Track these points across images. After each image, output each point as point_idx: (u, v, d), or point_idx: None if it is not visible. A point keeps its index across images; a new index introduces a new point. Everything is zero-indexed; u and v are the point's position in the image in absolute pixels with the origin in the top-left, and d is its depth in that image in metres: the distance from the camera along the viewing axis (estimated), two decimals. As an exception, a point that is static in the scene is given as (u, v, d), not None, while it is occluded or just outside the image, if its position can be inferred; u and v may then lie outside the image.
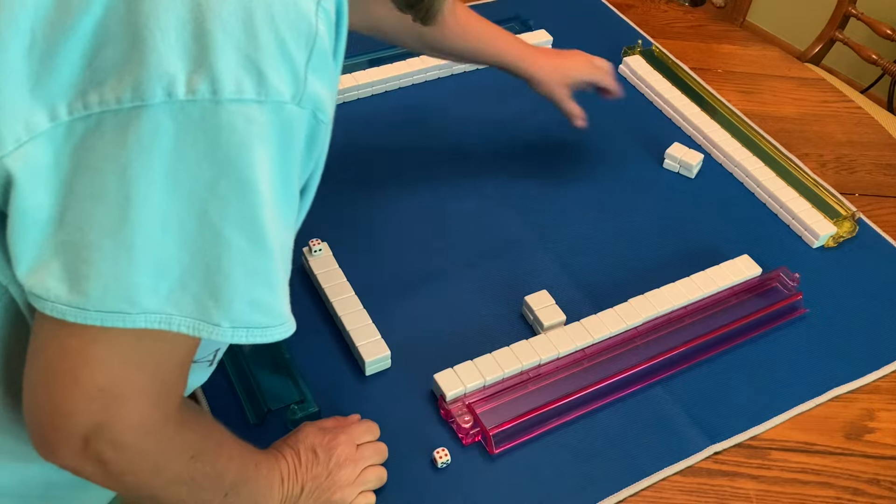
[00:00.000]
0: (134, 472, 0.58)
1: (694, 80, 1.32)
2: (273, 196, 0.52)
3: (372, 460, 0.78)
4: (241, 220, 0.51)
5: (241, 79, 0.49)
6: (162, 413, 0.57)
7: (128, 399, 0.54)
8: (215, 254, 0.51)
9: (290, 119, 0.52)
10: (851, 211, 1.11)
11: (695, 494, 0.82)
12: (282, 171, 0.52)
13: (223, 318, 0.53)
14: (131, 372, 0.54)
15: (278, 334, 0.56)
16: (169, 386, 0.57)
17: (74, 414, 0.54)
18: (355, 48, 1.30)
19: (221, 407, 0.85)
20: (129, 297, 0.50)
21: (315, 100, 0.53)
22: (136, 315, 0.50)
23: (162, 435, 0.58)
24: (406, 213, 1.08)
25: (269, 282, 0.54)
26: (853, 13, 1.88)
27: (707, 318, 0.96)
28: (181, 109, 0.48)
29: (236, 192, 0.50)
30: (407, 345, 0.92)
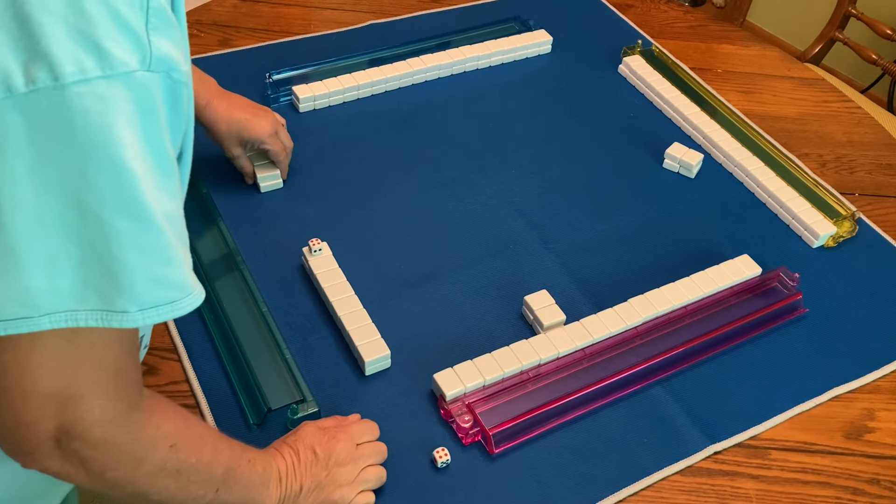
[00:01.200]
0: (114, 468, 0.58)
1: (694, 80, 1.32)
2: (147, 169, 0.50)
3: (371, 459, 0.78)
4: (120, 202, 0.50)
5: (80, 58, 0.47)
6: (125, 403, 0.57)
7: (82, 397, 0.54)
8: (103, 241, 0.50)
9: (145, 86, 0.50)
10: (851, 211, 1.11)
11: (695, 494, 0.82)
12: (150, 141, 0.51)
13: (129, 304, 0.51)
14: (74, 371, 0.53)
15: (188, 305, 0.55)
16: (122, 375, 0.56)
17: (35, 423, 0.54)
18: (355, 48, 1.31)
19: (221, 407, 0.85)
20: (26, 301, 0.49)
21: (165, 60, 0.51)
22: (39, 318, 0.50)
23: (132, 425, 0.57)
24: (406, 212, 1.08)
25: (165, 256, 0.53)
26: (853, 13, 1.88)
27: (707, 318, 0.96)
28: (26, 102, 0.46)
29: (107, 174, 0.49)
30: (407, 345, 0.92)
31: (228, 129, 1.01)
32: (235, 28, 1.35)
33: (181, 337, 0.91)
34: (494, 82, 1.30)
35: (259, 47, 1.31)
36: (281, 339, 0.90)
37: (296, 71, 1.24)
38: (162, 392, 0.85)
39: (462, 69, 1.31)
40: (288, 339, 0.91)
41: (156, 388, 0.86)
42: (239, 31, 1.35)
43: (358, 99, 1.24)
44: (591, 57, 1.37)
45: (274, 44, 1.32)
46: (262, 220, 1.04)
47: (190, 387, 0.87)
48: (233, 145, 1.02)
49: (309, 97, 1.20)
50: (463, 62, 1.30)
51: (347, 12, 1.42)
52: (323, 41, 1.30)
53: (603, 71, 1.34)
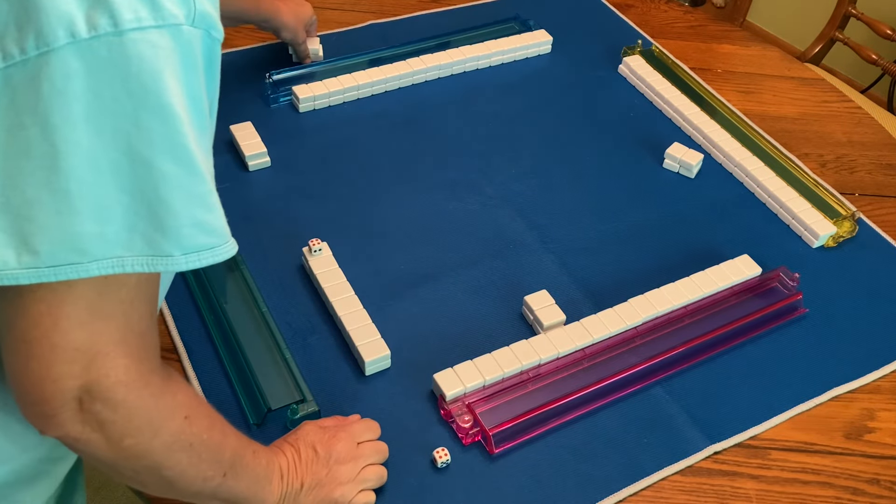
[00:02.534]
0: (133, 434, 0.58)
1: (694, 80, 1.32)
2: (190, 119, 0.53)
3: (372, 459, 0.78)
4: (169, 147, 0.52)
5: (136, 7, 0.49)
6: (146, 366, 0.58)
7: (107, 354, 0.55)
8: (152, 185, 0.52)
9: (189, 41, 0.52)
10: (851, 211, 1.11)
11: (695, 494, 0.82)
12: (191, 94, 0.53)
13: (174, 247, 0.53)
14: (102, 326, 0.54)
15: (226, 252, 0.57)
16: (144, 337, 0.58)
17: (60, 379, 0.54)
18: (355, 48, 1.31)
19: (221, 407, 0.85)
20: (77, 246, 0.50)
21: (207, 18, 0.53)
22: (88, 264, 0.51)
23: (152, 388, 0.58)
24: (406, 213, 1.08)
25: (207, 203, 0.55)
26: (853, 13, 1.88)
27: (707, 318, 0.96)
28: (88, 48, 0.49)
29: (158, 119, 0.51)
30: (407, 345, 0.92)
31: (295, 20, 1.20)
32: (235, 28, 1.35)
33: (181, 337, 0.91)
34: (494, 82, 1.30)
35: (259, 47, 1.31)
36: (281, 339, 0.90)
37: (296, 71, 1.24)
38: (162, 392, 0.86)
39: (462, 69, 1.31)
40: (288, 339, 0.91)
41: (156, 388, 0.86)
42: (239, 31, 1.35)
43: (358, 99, 1.24)
44: (591, 57, 1.37)
45: (274, 44, 1.32)
46: (262, 220, 1.04)
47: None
48: (301, 30, 1.22)
49: (309, 97, 1.20)
50: (463, 62, 1.30)
51: (347, 12, 1.42)
52: (323, 41, 1.30)
53: (603, 71, 1.34)
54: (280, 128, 1.18)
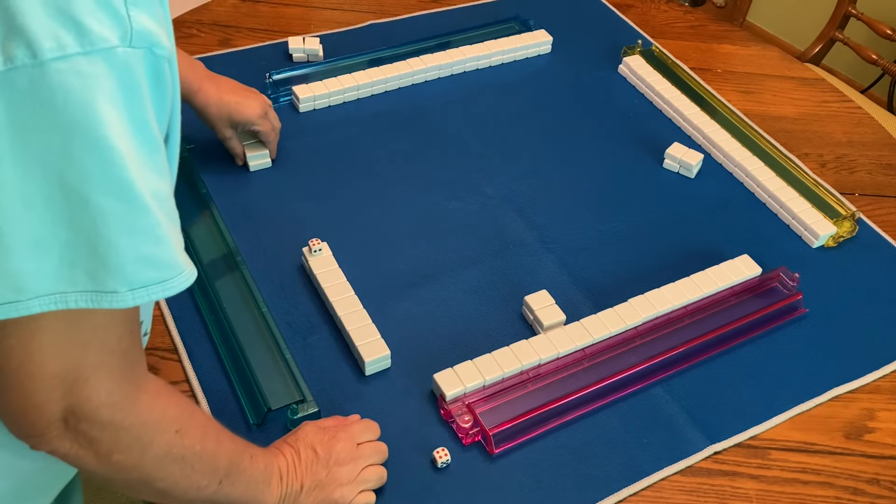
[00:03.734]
0: (121, 450, 0.58)
1: (694, 80, 1.32)
2: (133, 146, 0.50)
3: (372, 459, 0.78)
4: (105, 181, 0.49)
5: (58, 34, 0.46)
6: (131, 385, 0.57)
7: (87, 379, 0.54)
8: (89, 221, 0.49)
9: (126, 63, 0.49)
10: (851, 211, 1.11)
11: (695, 494, 0.82)
12: (134, 118, 0.50)
13: (118, 284, 0.51)
14: (79, 352, 0.53)
15: (179, 285, 0.54)
16: (127, 357, 0.56)
17: (42, 405, 0.54)
18: (355, 48, 1.31)
19: (221, 407, 0.85)
20: (14, 284, 0.49)
21: (146, 36, 0.50)
22: (28, 301, 0.49)
23: (139, 407, 0.58)
24: (406, 212, 1.08)
25: (154, 236, 0.52)
26: (853, 13, 1.88)
27: (707, 318, 0.96)
28: (4, 81, 0.46)
29: (92, 154, 0.48)
30: (407, 345, 0.92)
31: (219, 112, 1.03)
32: (235, 28, 1.35)
33: (181, 337, 0.91)
34: (494, 82, 1.30)
35: (259, 47, 1.31)
36: (281, 339, 0.90)
37: (296, 71, 1.24)
38: (162, 392, 0.86)
39: (462, 69, 1.31)
40: (288, 339, 0.91)
41: (156, 388, 0.86)
42: (239, 31, 1.35)
43: (358, 99, 1.24)
44: (591, 57, 1.37)
45: (274, 44, 1.32)
46: (262, 220, 1.04)
47: (190, 387, 0.87)
48: (224, 127, 1.04)
49: (309, 97, 1.20)
50: (463, 62, 1.30)
51: (347, 12, 1.42)
52: (323, 41, 1.30)
53: (603, 71, 1.34)
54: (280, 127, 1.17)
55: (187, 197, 1.05)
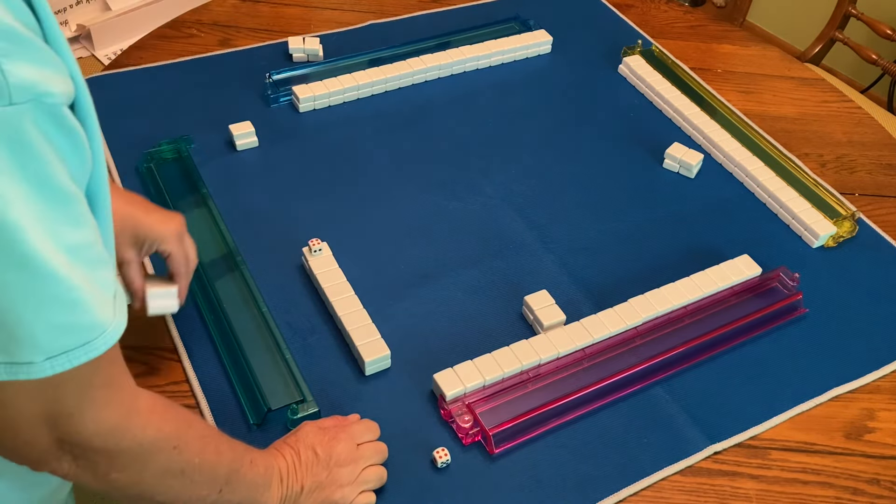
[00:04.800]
0: (119, 470, 0.58)
1: (694, 80, 1.32)
2: (34, 211, 0.46)
3: (372, 460, 0.78)
4: (5, 257, 0.46)
5: None
6: (120, 410, 0.56)
7: (71, 416, 0.53)
8: None
9: (11, 122, 0.45)
10: (851, 211, 1.11)
11: (695, 494, 0.82)
12: (31, 179, 0.46)
13: (33, 355, 0.48)
14: (54, 393, 0.52)
15: (103, 344, 0.51)
16: (111, 386, 0.55)
17: (32, 441, 0.53)
18: (355, 48, 1.31)
19: (221, 407, 0.85)
20: None
21: (29, 87, 0.45)
22: None
23: (132, 431, 0.57)
24: (406, 213, 1.08)
25: (66, 301, 0.49)
26: (853, 13, 1.88)
27: (707, 318, 0.96)
28: None
29: None
30: (407, 345, 0.92)
31: (122, 226, 0.78)
32: (235, 28, 1.35)
33: (181, 337, 0.91)
34: (494, 82, 1.30)
35: (259, 47, 1.31)
36: (281, 339, 0.90)
37: (296, 71, 1.24)
38: (162, 392, 0.85)
39: (462, 69, 1.31)
40: (288, 339, 0.91)
41: (156, 388, 0.86)
42: (239, 31, 1.35)
43: (358, 99, 1.24)
44: (591, 57, 1.37)
45: (274, 44, 1.32)
46: (262, 220, 1.04)
47: (190, 387, 0.87)
48: (125, 246, 0.80)
49: (309, 97, 1.20)
50: (463, 62, 1.30)
51: (347, 12, 1.42)
52: (323, 41, 1.30)
53: (603, 71, 1.34)
54: (280, 128, 1.18)
55: (187, 197, 1.05)
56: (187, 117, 1.17)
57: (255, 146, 1.14)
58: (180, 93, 1.20)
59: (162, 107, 1.18)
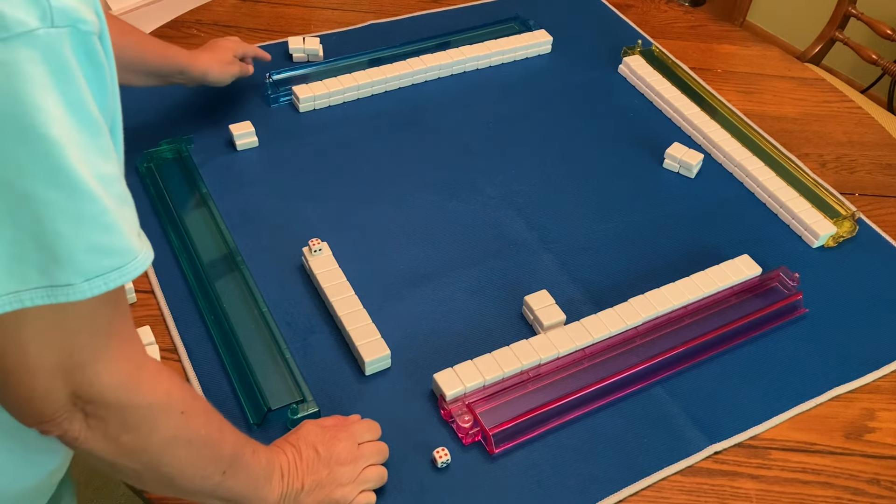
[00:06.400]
0: (130, 430, 0.58)
1: (694, 80, 1.32)
2: (71, 132, 0.48)
3: (373, 459, 0.78)
4: (45, 172, 0.47)
5: None
6: (132, 364, 0.57)
7: (86, 365, 0.54)
8: (33, 216, 0.48)
9: (51, 45, 0.46)
10: (851, 211, 1.11)
11: (695, 494, 0.82)
12: (70, 102, 0.48)
13: (72, 276, 0.50)
14: (70, 340, 0.53)
15: (136, 269, 0.53)
16: (121, 336, 0.56)
17: (46, 395, 0.54)
18: (355, 48, 1.31)
19: (221, 407, 0.85)
20: None
21: (68, 13, 0.47)
22: None
23: (143, 388, 0.58)
24: (406, 212, 1.08)
25: (103, 223, 0.50)
26: (853, 13, 1.88)
27: (707, 318, 0.96)
28: None
29: (25, 146, 0.46)
30: (407, 345, 0.92)
31: (221, 70, 1.12)
32: (235, 28, 1.35)
33: (181, 337, 0.91)
34: (494, 82, 1.30)
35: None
36: (281, 339, 0.90)
37: (296, 71, 1.24)
38: (162, 392, 0.86)
39: (462, 69, 1.31)
40: (288, 339, 0.91)
41: (156, 388, 0.86)
42: (239, 31, 1.35)
43: (358, 99, 1.24)
44: (591, 57, 1.37)
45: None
46: (262, 220, 1.04)
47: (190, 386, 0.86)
48: (228, 74, 1.13)
49: (309, 97, 1.20)
50: (463, 62, 1.30)
51: (347, 12, 1.42)
52: (323, 41, 1.30)
53: (603, 71, 1.34)
54: (280, 128, 1.18)
55: (187, 197, 1.05)
56: (187, 117, 1.17)
57: (255, 146, 1.14)
58: (180, 93, 1.20)
59: (162, 107, 1.18)
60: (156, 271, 0.97)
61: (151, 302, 0.94)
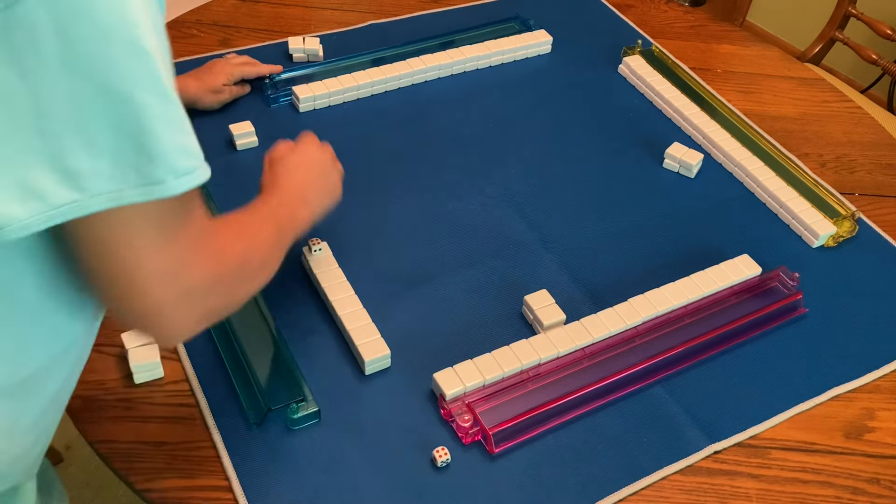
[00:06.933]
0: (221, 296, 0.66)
1: (694, 80, 1.32)
2: (156, 47, 0.53)
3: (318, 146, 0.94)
4: (143, 79, 0.52)
5: None
6: (216, 243, 0.64)
7: (191, 263, 0.60)
8: (134, 118, 0.53)
9: None
10: (851, 211, 1.11)
11: (695, 493, 0.82)
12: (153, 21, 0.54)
13: (166, 173, 0.55)
14: (167, 232, 0.58)
15: (205, 173, 0.58)
16: (207, 227, 0.63)
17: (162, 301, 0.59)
18: (355, 48, 1.31)
19: (221, 407, 0.85)
20: (75, 185, 0.52)
21: None
22: (88, 200, 0.53)
23: (226, 257, 0.65)
24: (406, 212, 1.08)
25: (184, 128, 0.56)
26: (853, 13, 1.88)
27: (707, 318, 0.96)
28: None
29: (128, 54, 0.51)
30: (407, 344, 0.92)
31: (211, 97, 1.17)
32: (235, 28, 1.35)
33: (181, 337, 0.91)
34: (495, 82, 1.30)
35: (259, 47, 1.31)
36: (281, 339, 0.90)
37: (296, 71, 1.24)
38: (162, 392, 0.86)
39: (462, 69, 1.31)
40: (288, 338, 0.91)
41: (156, 387, 0.86)
42: (239, 31, 1.35)
43: (358, 99, 1.24)
44: (591, 57, 1.37)
45: (274, 44, 1.32)
46: (262, 219, 1.04)
47: (190, 387, 0.87)
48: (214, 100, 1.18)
49: (309, 97, 1.20)
50: (463, 62, 1.30)
51: (347, 12, 1.42)
52: (323, 41, 1.30)
53: (603, 71, 1.34)
54: (280, 128, 1.18)
55: (187, 197, 1.05)
56: (187, 117, 1.17)
57: (255, 146, 1.14)
58: (180, 93, 1.20)
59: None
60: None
61: (151, 302, 0.94)
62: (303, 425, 0.84)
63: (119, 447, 0.81)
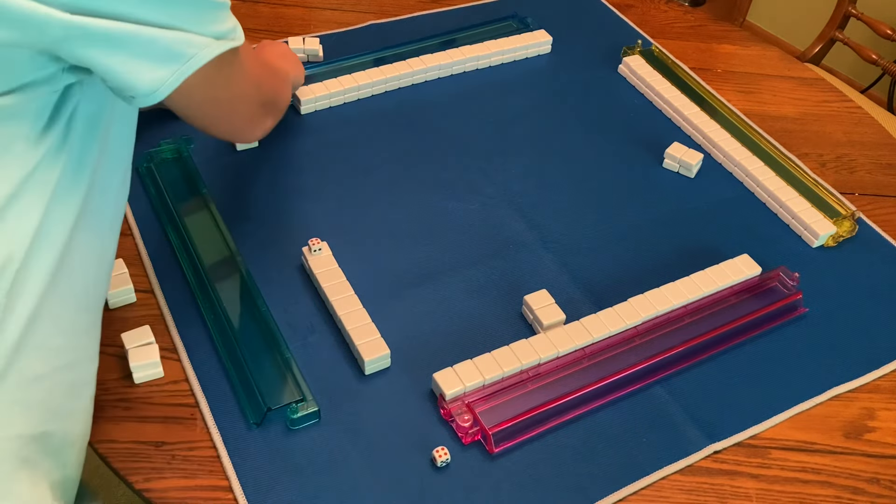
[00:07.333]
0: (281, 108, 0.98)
1: (694, 80, 1.32)
2: None
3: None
4: None
5: None
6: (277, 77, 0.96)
7: (262, 82, 0.85)
8: None
9: None
10: (851, 210, 1.11)
11: (694, 493, 0.82)
12: None
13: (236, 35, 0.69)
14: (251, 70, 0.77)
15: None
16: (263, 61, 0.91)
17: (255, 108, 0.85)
18: (355, 48, 1.31)
19: (221, 406, 0.85)
20: (190, 42, 0.63)
21: None
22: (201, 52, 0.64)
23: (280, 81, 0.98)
24: (406, 212, 1.08)
25: None
26: (853, 13, 1.88)
27: (707, 318, 0.96)
28: None
29: None
30: (407, 344, 0.92)
31: None
32: (235, 28, 1.35)
33: (181, 336, 0.91)
34: (494, 82, 1.30)
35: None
36: (281, 339, 0.90)
37: (296, 71, 1.24)
38: (162, 392, 0.86)
39: (462, 69, 1.31)
40: (288, 338, 0.91)
41: (156, 387, 0.86)
42: (239, 31, 1.34)
43: (358, 99, 1.24)
44: (591, 57, 1.37)
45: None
46: (261, 220, 1.05)
47: (190, 386, 0.87)
48: None
49: (310, 98, 1.20)
50: (463, 62, 1.30)
51: (347, 12, 1.42)
52: (323, 41, 1.30)
53: (603, 71, 1.34)
54: (280, 128, 1.18)
55: (187, 197, 1.05)
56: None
57: (255, 146, 1.14)
58: (180, 93, 1.20)
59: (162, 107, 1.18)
60: (156, 271, 0.97)
61: (151, 301, 0.94)
62: (302, 425, 0.84)
63: (119, 447, 0.81)
